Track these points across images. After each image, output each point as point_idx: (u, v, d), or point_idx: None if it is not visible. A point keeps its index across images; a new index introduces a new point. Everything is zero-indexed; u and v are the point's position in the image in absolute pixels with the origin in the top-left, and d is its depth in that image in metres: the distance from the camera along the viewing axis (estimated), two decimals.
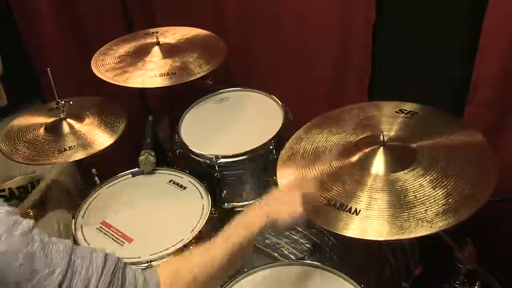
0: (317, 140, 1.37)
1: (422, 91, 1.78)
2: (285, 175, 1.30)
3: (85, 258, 0.86)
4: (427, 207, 1.08)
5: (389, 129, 1.34)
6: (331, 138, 1.37)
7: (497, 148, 1.59)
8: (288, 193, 1.19)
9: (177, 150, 1.78)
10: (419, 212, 1.07)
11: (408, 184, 1.15)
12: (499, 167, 1.14)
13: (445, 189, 1.11)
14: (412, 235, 1.03)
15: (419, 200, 1.10)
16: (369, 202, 1.13)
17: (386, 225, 1.07)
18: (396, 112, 1.40)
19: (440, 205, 1.07)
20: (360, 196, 1.15)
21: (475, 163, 1.17)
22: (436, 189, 1.11)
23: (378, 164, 1.22)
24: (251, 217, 1.09)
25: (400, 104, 1.43)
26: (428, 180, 1.14)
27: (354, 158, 1.27)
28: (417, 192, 1.12)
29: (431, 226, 1.04)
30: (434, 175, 1.15)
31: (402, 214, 1.08)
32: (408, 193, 1.12)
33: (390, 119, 1.38)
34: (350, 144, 1.33)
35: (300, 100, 1.98)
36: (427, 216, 1.06)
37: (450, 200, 1.08)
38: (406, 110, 1.40)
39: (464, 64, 1.62)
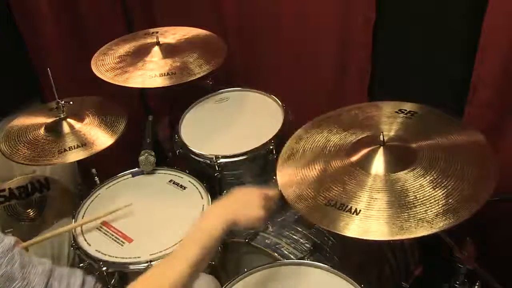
0: (316, 139, 1.38)
1: (422, 91, 1.78)
2: (285, 175, 1.30)
3: (62, 281, 0.86)
4: (427, 207, 1.08)
5: (389, 129, 1.34)
6: (331, 138, 1.37)
7: (497, 148, 1.59)
8: (248, 194, 1.15)
9: (177, 150, 1.78)
10: (419, 212, 1.07)
11: (408, 184, 1.14)
12: (499, 167, 1.14)
13: (445, 189, 1.11)
14: (412, 235, 1.03)
15: (419, 201, 1.10)
16: (369, 202, 1.13)
17: (386, 225, 1.07)
18: (396, 112, 1.40)
19: (440, 205, 1.07)
20: (360, 196, 1.15)
21: (475, 163, 1.17)
22: (436, 189, 1.11)
23: (378, 164, 1.22)
24: (208, 224, 1.05)
25: (399, 104, 1.43)
26: (428, 180, 1.14)
27: (354, 158, 1.27)
28: (417, 192, 1.12)
29: (431, 227, 1.03)
30: (434, 175, 1.15)
31: (402, 214, 1.08)
32: (408, 193, 1.12)
33: (389, 119, 1.38)
34: (349, 144, 1.33)
35: (300, 100, 1.98)
36: (427, 216, 1.06)
37: (450, 200, 1.08)
38: (406, 110, 1.40)
39: (464, 64, 1.62)
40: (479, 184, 1.11)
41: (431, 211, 1.06)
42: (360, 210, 1.11)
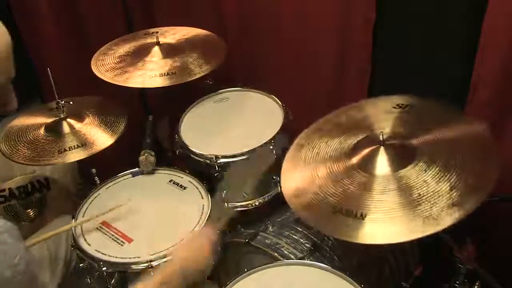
0: (317, 146, 1.36)
1: (422, 91, 1.77)
2: (290, 185, 1.29)
3: None
4: (433, 203, 1.07)
5: (387, 126, 1.33)
6: (331, 143, 1.36)
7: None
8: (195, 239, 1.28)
9: (177, 150, 1.78)
10: (425, 209, 1.06)
11: (412, 182, 1.13)
12: (501, 159, 1.12)
13: (449, 182, 1.09)
14: (422, 235, 1.02)
15: (424, 197, 1.09)
16: (376, 205, 1.12)
17: (395, 227, 1.06)
18: (394, 107, 1.39)
19: (445, 200, 1.06)
20: (365, 199, 1.14)
21: (477, 152, 1.16)
22: (440, 183, 1.10)
23: (380, 164, 1.21)
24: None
25: (395, 99, 1.42)
26: (431, 175, 1.13)
27: (355, 160, 1.26)
28: (421, 189, 1.11)
29: (438, 224, 1.02)
30: (437, 168, 1.14)
31: (409, 213, 1.07)
32: (413, 191, 1.11)
33: (387, 115, 1.37)
34: (350, 146, 1.32)
35: (300, 100, 1.98)
36: (433, 213, 1.05)
37: (455, 194, 1.07)
38: (402, 104, 1.39)
39: (464, 64, 1.62)
40: (481, 175, 1.09)
41: (437, 206, 1.05)
42: (366, 214, 1.10)
